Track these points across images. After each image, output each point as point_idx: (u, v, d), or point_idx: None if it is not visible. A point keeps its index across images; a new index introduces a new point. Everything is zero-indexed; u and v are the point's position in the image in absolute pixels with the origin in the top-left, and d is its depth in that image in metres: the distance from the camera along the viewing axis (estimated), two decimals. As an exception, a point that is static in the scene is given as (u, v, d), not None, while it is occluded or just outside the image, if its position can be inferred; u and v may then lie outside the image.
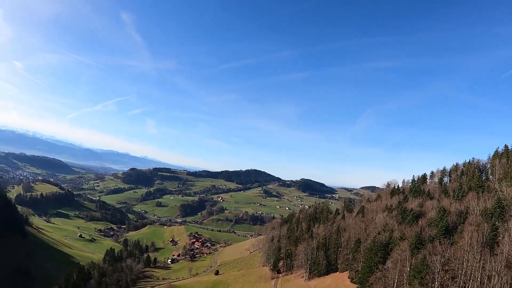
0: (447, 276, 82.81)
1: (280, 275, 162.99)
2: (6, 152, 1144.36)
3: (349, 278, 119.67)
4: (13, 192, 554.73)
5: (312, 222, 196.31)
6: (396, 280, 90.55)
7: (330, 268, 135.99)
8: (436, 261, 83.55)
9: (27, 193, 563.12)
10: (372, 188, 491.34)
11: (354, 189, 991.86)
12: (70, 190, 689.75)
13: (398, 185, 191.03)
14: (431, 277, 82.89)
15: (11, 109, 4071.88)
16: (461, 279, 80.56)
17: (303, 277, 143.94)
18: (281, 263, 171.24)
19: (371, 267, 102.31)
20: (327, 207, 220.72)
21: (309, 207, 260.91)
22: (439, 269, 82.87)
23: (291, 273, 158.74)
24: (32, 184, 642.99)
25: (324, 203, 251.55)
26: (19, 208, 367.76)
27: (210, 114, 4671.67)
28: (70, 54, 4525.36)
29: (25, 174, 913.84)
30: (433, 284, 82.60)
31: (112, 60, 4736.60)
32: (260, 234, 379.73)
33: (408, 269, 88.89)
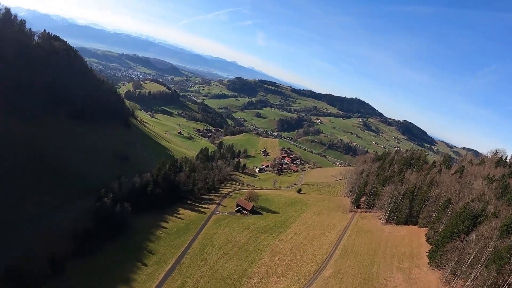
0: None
1: (359, 210, 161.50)
2: (120, 53, 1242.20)
3: (425, 236, 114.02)
4: (123, 89, 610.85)
5: (405, 167, 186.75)
6: (473, 257, 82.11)
7: (410, 219, 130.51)
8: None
9: (136, 90, 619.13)
10: (475, 152, 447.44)
11: (455, 146, 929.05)
12: (176, 90, 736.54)
13: (506, 157, 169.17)
14: (510, 269, 73.00)
15: (126, 14, 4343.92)
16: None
17: (380, 219, 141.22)
18: (363, 199, 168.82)
19: (453, 233, 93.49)
20: (424, 155, 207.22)
21: (406, 150, 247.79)
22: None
23: (370, 212, 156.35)
24: (142, 83, 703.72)
25: (423, 151, 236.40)
26: (127, 102, 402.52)
27: (323, 35, 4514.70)
28: None
29: (136, 73, 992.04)
30: (510, 278, 73.12)
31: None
32: (349, 165, 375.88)
33: (491, 250, 79.67)
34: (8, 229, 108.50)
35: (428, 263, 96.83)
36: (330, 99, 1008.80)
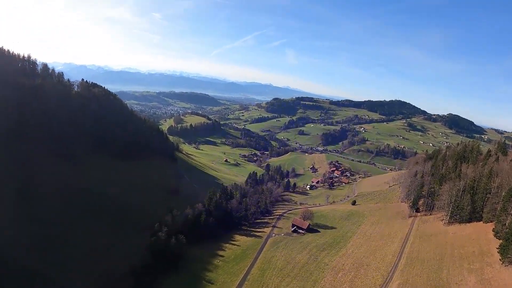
0: None
1: (419, 214, 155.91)
2: (157, 91, 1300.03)
3: (493, 231, 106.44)
4: (165, 125, 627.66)
5: (460, 162, 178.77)
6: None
7: (474, 216, 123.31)
8: None
9: (178, 125, 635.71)
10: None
11: (505, 131, 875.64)
12: (216, 120, 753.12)
13: None
14: None
15: (158, 54, 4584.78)
16: None
17: (442, 220, 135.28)
18: (421, 202, 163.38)
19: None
20: (478, 146, 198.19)
21: (458, 144, 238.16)
22: None
23: (430, 214, 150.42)
24: (182, 117, 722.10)
25: (475, 142, 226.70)
26: (171, 137, 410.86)
27: (351, 42, 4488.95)
28: None
29: (175, 109, 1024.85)
30: None
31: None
32: (400, 169, 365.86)
33: None
34: (66, 269, 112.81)
35: (500, 259, 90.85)
36: (370, 105, 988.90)
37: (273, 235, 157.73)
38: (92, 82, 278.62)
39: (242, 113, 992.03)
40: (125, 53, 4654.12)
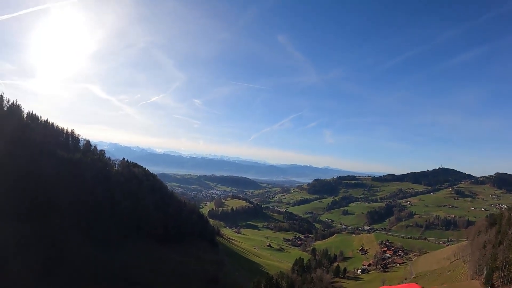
0: None
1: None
2: (198, 175, 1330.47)
3: None
4: (206, 208, 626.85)
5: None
6: None
7: None
8: None
9: (219, 208, 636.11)
10: None
11: None
12: (258, 203, 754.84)
13: None
14: None
15: (198, 139, 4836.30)
16: None
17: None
18: (495, 276, 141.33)
19: None
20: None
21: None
22: None
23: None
24: (223, 200, 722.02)
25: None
26: (211, 221, 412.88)
27: (385, 115, 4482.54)
28: (239, 83, 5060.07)
29: (216, 192, 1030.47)
30: None
31: (280, 81, 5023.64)
32: (458, 241, 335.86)
33: None
34: None
35: None
36: (413, 177, 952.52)
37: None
38: (133, 162, 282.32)
39: (284, 195, 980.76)
40: (168, 137, 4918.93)
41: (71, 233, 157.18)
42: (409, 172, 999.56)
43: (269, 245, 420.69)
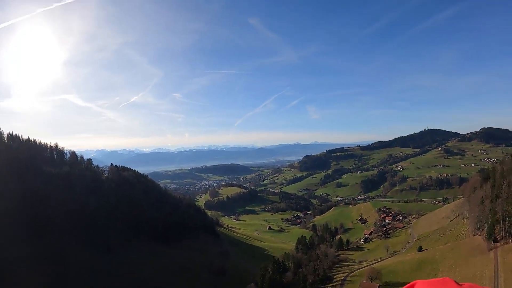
0: None
1: (498, 244, 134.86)
2: (189, 168, 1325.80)
3: None
4: (201, 200, 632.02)
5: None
6: None
7: None
8: None
9: (214, 198, 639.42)
10: None
11: None
12: (252, 188, 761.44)
13: None
14: None
15: (184, 132, 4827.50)
16: None
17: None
18: (496, 229, 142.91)
19: None
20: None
21: (511, 155, 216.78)
22: None
23: (511, 241, 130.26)
24: (217, 190, 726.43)
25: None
26: (209, 212, 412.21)
27: (367, 85, 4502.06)
28: (217, 71, 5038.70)
29: (209, 183, 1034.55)
30: None
31: (257, 63, 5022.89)
32: (449, 199, 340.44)
33: None
34: None
35: None
36: (401, 142, 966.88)
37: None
38: (121, 166, 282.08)
39: (276, 176, 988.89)
40: (153, 135, 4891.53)
41: (72, 247, 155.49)
42: (397, 137, 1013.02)
43: (269, 228, 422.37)
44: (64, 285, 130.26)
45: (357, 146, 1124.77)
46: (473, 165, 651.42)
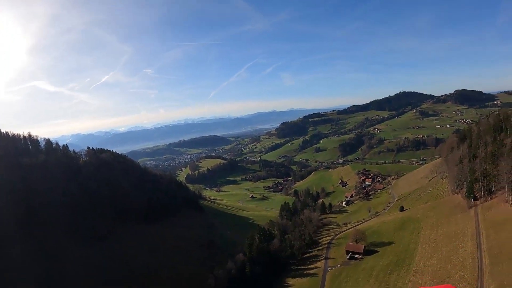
0: None
1: (478, 202, 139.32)
2: (167, 144, 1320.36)
3: None
4: (182, 175, 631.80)
5: (498, 134, 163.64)
6: None
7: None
8: None
9: (195, 172, 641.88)
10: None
11: None
12: (232, 158, 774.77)
13: None
14: None
15: (159, 108, 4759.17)
16: None
17: (507, 202, 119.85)
18: (475, 188, 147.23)
19: None
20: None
21: (487, 117, 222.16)
22: None
23: (491, 198, 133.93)
24: (197, 163, 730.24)
25: (504, 110, 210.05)
26: (191, 186, 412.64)
27: (341, 49, 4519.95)
28: (189, 43, 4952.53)
29: (188, 156, 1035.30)
30: None
31: (229, 33, 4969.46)
32: (425, 159, 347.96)
33: None
34: None
35: None
36: (377, 105, 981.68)
37: (329, 268, 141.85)
38: (98, 148, 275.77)
39: (255, 145, 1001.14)
40: (128, 114, 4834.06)
41: (61, 238, 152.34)
42: (373, 100, 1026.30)
43: (252, 197, 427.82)
44: (58, 281, 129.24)
45: (333, 110, 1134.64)
46: (448, 126, 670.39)
